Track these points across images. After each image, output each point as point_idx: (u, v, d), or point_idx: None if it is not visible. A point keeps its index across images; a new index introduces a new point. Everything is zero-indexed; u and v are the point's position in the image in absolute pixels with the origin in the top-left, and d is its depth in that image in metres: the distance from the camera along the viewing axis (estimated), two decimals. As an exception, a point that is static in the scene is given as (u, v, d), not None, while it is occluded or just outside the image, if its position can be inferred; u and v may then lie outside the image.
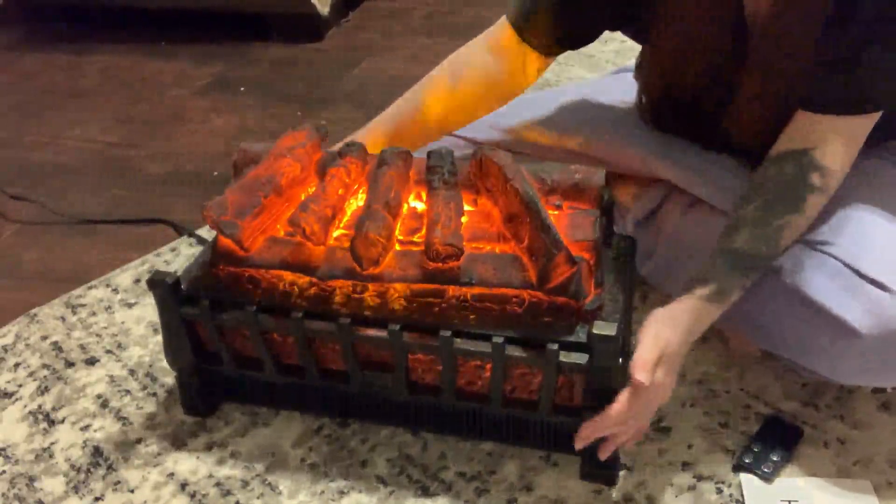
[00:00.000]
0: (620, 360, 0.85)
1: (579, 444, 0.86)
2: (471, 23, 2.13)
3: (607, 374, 0.84)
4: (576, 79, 1.79)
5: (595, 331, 0.82)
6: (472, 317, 0.88)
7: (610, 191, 0.98)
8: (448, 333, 0.86)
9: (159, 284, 0.93)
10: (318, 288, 0.91)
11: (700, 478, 0.92)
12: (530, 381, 0.90)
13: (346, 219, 0.96)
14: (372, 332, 0.89)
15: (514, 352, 0.86)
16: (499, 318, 0.87)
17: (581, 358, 0.84)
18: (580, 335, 0.85)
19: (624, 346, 0.90)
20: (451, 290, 0.88)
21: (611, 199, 0.98)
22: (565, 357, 0.84)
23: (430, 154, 0.98)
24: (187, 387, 1.02)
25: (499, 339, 0.85)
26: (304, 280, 0.92)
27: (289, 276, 0.92)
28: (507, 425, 0.95)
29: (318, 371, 0.95)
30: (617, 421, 0.83)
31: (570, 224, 0.91)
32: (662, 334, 0.83)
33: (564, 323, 0.86)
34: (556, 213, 0.92)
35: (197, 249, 1.34)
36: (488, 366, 0.89)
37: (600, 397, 0.84)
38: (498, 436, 0.96)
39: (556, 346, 0.84)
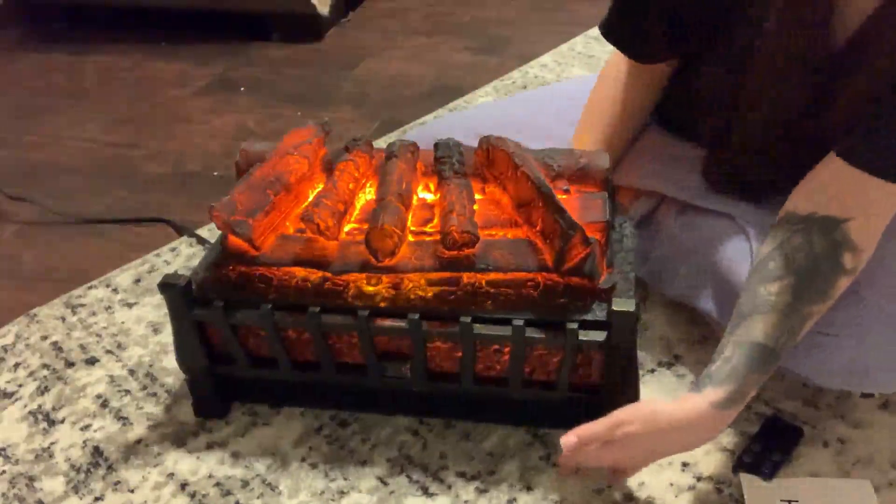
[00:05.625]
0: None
1: (564, 473, 0.90)
2: (470, 23, 2.14)
3: (626, 349, 0.86)
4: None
5: (615, 307, 0.84)
6: (488, 302, 0.89)
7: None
8: (468, 319, 0.87)
9: (171, 287, 0.92)
10: (332, 283, 0.92)
11: (700, 478, 0.92)
12: (548, 361, 0.91)
13: (356, 213, 0.97)
14: (390, 322, 0.90)
15: (534, 333, 0.87)
16: (515, 302, 0.88)
17: (600, 335, 0.86)
18: (597, 313, 0.87)
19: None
20: (466, 277, 0.89)
21: (613, 182, 0.99)
22: (584, 335, 0.86)
23: (437, 145, 1.00)
24: (199, 389, 1.02)
25: (519, 322, 0.87)
26: (317, 275, 0.92)
27: (301, 272, 0.93)
28: (523, 407, 0.96)
29: (334, 366, 0.96)
30: (579, 461, 0.85)
31: (579, 206, 0.92)
32: (633, 430, 0.79)
33: (580, 303, 0.88)
34: (564, 197, 0.94)
35: (197, 249, 1.34)
36: (507, 349, 0.90)
37: (618, 373, 0.86)
38: (514, 418, 0.98)
39: (575, 325, 0.86)
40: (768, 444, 0.93)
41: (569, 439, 0.81)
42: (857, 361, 0.86)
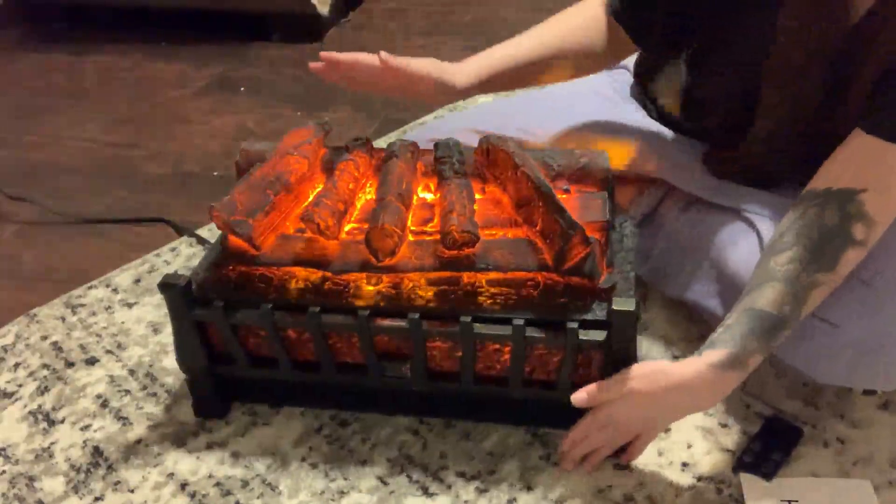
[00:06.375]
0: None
1: (568, 466, 0.92)
2: (470, 23, 2.14)
3: (627, 348, 0.86)
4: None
5: (615, 307, 0.84)
6: (488, 302, 0.89)
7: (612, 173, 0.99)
8: (468, 319, 0.88)
9: (171, 287, 0.92)
10: (332, 282, 0.92)
11: (700, 478, 0.92)
12: (548, 361, 0.91)
13: (356, 213, 0.97)
14: (390, 322, 0.90)
15: (534, 333, 0.88)
16: (515, 302, 0.89)
17: (599, 335, 0.86)
18: (597, 313, 0.87)
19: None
20: (467, 277, 0.90)
21: (613, 182, 1.00)
22: (584, 335, 0.86)
23: (437, 145, 1.01)
24: (199, 389, 1.02)
25: (519, 322, 0.87)
26: (317, 275, 0.92)
27: (301, 272, 0.93)
28: (523, 407, 0.96)
29: (334, 366, 0.96)
30: (582, 433, 0.89)
31: (579, 206, 0.93)
32: (639, 386, 0.84)
33: (580, 302, 0.88)
34: (564, 196, 0.94)
35: (197, 249, 1.34)
36: (507, 349, 0.90)
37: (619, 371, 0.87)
38: (514, 418, 0.98)
39: (576, 325, 0.86)
40: (768, 444, 0.93)
41: (579, 396, 0.86)
42: (867, 342, 0.85)
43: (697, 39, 0.96)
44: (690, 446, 0.95)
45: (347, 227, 0.95)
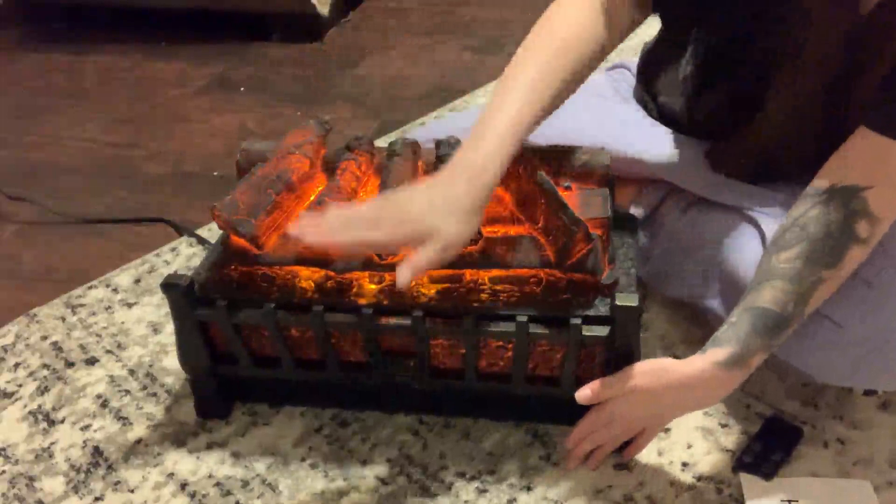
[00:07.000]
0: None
1: (572, 464, 0.93)
2: (471, 23, 2.14)
3: (630, 343, 0.86)
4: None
5: (618, 302, 0.84)
6: (490, 299, 0.89)
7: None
8: (471, 316, 0.88)
9: (174, 287, 0.92)
10: (335, 281, 0.92)
11: (700, 478, 0.92)
12: (551, 357, 0.91)
13: None
14: (394, 320, 0.90)
15: (537, 329, 0.88)
16: (518, 299, 0.89)
17: (603, 330, 0.87)
18: (600, 309, 0.87)
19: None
20: (469, 274, 0.90)
21: (613, 178, 1.00)
22: (587, 331, 0.87)
23: (438, 143, 1.01)
24: (201, 389, 1.02)
25: (523, 318, 0.87)
26: (319, 274, 0.92)
27: (304, 271, 0.93)
28: (526, 404, 0.97)
29: (337, 365, 0.96)
30: (586, 429, 0.89)
31: (581, 203, 0.93)
32: (643, 383, 0.84)
33: (582, 298, 0.88)
34: (565, 193, 0.94)
35: (197, 249, 1.34)
36: (510, 345, 0.90)
37: (621, 368, 0.87)
38: (517, 415, 0.98)
39: (579, 321, 0.86)
40: (768, 444, 0.93)
41: (583, 392, 0.86)
42: (871, 340, 0.85)
43: (717, 18, 0.95)
44: (690, 446, 0.95)
45: (349, 226, 0.95)
